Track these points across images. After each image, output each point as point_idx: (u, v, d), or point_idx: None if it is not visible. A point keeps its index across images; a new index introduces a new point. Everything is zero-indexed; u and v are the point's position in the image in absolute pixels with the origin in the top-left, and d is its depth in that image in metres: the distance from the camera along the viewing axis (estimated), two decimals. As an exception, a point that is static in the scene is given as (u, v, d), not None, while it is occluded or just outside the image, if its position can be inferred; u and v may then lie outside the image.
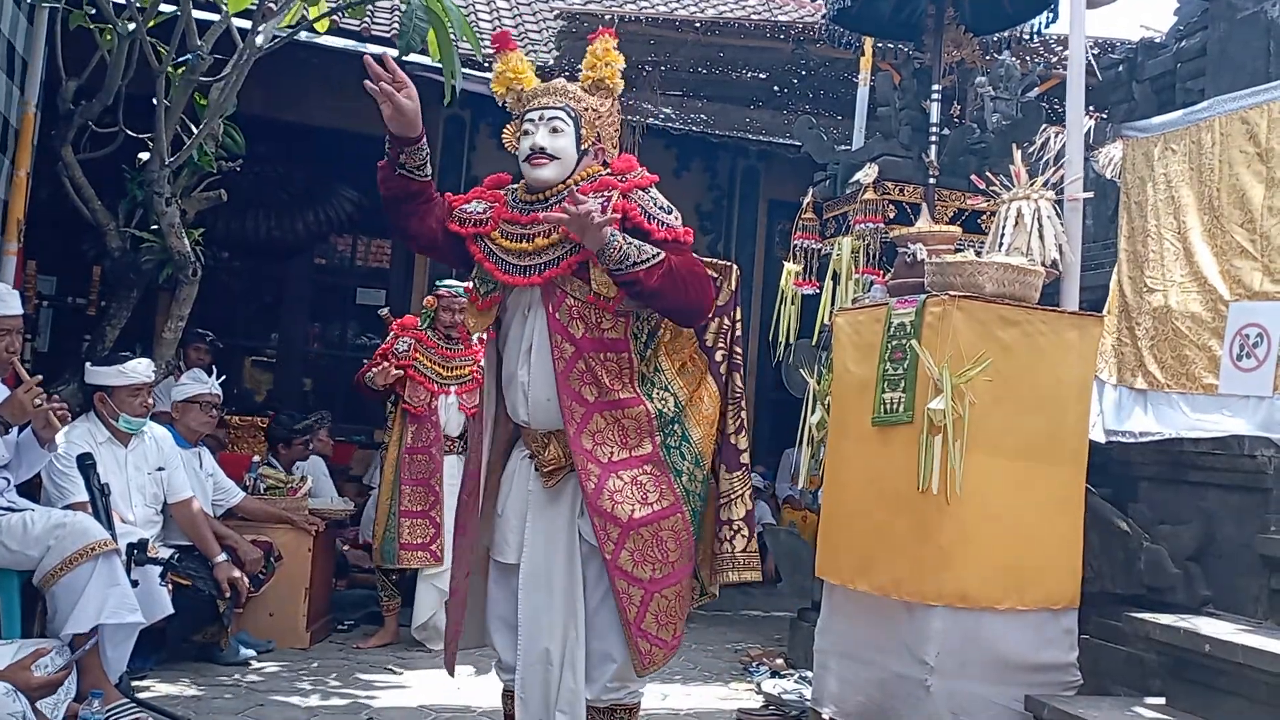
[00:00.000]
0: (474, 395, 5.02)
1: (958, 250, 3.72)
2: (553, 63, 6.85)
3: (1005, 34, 5.06)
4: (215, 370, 5.06)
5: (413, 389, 5.01)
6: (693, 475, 2.73)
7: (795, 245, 5.15)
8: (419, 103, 2.55)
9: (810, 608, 4.75)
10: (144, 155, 4.55)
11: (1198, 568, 3.67)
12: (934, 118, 4.82)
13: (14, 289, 3.86)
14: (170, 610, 3.82)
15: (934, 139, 4.81)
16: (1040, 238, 3.73)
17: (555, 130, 2.65)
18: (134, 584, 3.46)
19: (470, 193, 2.83)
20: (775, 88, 7.49)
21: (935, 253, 3.67)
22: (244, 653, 4.51)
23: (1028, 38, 5.07)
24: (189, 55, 4.37)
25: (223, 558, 4.37)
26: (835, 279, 4.80)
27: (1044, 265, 3.66)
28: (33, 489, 3.78)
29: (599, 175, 2.69)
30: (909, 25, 5.11)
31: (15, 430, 3.41)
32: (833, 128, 6.37)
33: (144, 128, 4.55)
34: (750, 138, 7.37)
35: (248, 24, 4.37)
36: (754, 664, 4.84)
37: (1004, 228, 3.80)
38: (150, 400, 4.31)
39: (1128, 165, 4.03)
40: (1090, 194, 4.08)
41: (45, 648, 2.89)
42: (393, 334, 5.17)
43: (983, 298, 3.44)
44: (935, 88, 4.83)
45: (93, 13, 4.46)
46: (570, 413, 2.62)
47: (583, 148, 2.69)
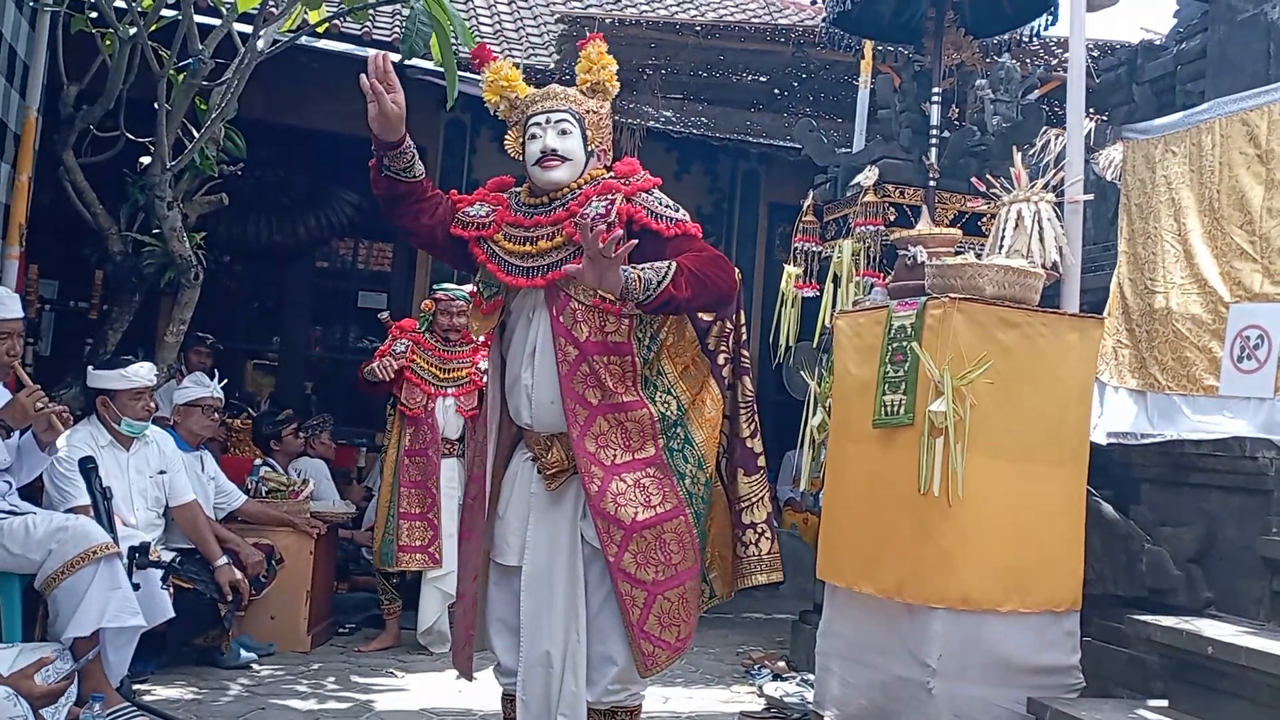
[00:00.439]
0: (472, 397, 5.02)
1: (958, 253, 3.72)
2: (553, 66, 6.85)
3: (1005, 36, 5.06)
4: (217, 374, 5.07)
5: (409, 391, 5.01)
6: (695, 478, 2.73)
7: (796, 248, 5.15)
8: (404, 110, 2.56)
9: (812, 610, 4.74)
10: (145, 159, 4.55)
11: (1199, 570, 3.67)
12: (934, 120, 4.82)
13: (16, 293, 3.87)
14: (171, 613, 3.82)
15: (934, 141, 4.81)
16: (1040, 240, 3.73)
17: (564, 132, 2.67)
18: (135, 587, 3.46)
19: (474, 194, 2.84)
20: (776, 91, 7.49)
21: (936, 255, 3.68)
22: (245, 656, 4.51)
23: (1028, 40, 5.08)
24: (190, 60, 4.38)
25: (224, 561, 4.37)
26: (836, 281, 4.80)
27: (1044, 267, 3.66)
28: (34, 492, 3.79)
29: (602, 178, 2.71)
30: (909, 28, 5.12)
31: (16, 434, 3.41)
32: (833, 130, 6.38)
33: (145, 132, 4.56)
34: (751, 140, 7.37)
35: (249, 28, 4.38)
36: (756, 667, 4.83)
37: (1004, 230, 3.80)
38: (152, 404, 4.31)
39: (1128, 167, 4.03)
40: (1090, 196, 4.09)
41: (48, 657, 2.88)
42: (391, 336, 5.17)
43: (983, 300, 3.44)
44: (935, 90, 4.83)
45: (94, 17, 4.47)
46: (574, 415, 2.62)
47: (589, 149, 2.72)
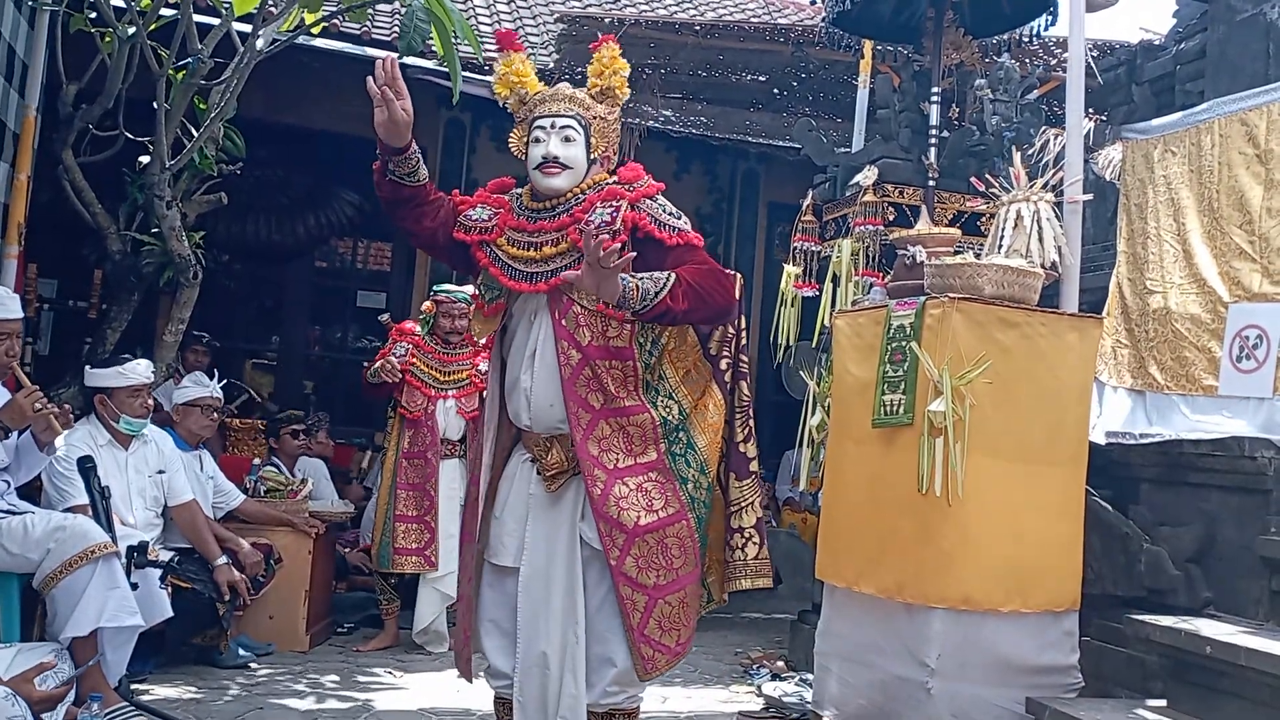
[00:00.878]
0: (473, 399, 5.02)
1: (957, 252, 3.72)
2: (553, 66, 6.85)
3: (1004, 36, 5.06)
4: (214, 372, 5.07)
5: (410, 394, 5.01)
6: (698, 482, 2.74)
7: (795, 247, 5.15)
8: (413, 117, 2.56)
9: (811, 610, 4.74)
10: (144, 159, 4.55)
11: (1198, 569, 3.67)
12: (933, 120, 4.82)
13: (15, 292, 3.86)
14: (170, 613, 3.82)
15: (933, 141, 4.81)
16: (1040, 240, 3.73)
17: (568, 139, 2.66)
18: (134, 587, 3.45)
19: (474, 196, 2.82)
20: (775, 90, 7.48)
21: (935, 255, 3.68)
22: (243, 656, 4.50)
23: (1027, 40, 5.08)
24: (189, 59, 4.38)
25: (223, 560, 4.37)
26: (835, 281, 4.80)
27: (1043, 267, 3.66)
28: (33, 492, 3.78)
29: (606, 184, 2.70)
30: (908, 28, 5.11)
31: (15, 434, 3.41)
32: (832, 130, 6.37)
33: (144, 131, 4.55)
34: (750, 140, 7.37)
35: (248, 28, 4.37)
36: (754, 667, 4.83)
37: (1003, 230, 3.80)
38: (150, 401, 4.31)
39: (1127, 167, 4.03)
40: (1089, 196, 4.09)
41: (48, 662, 2.88)
42: (391, 339, 5.17)
43: (982, 300, 3.44)
44: (935, 90, 4.83)
45: (93, 16, 4.47)
46: (576, 419, 2.62)
47: (592, 156, 2.70)
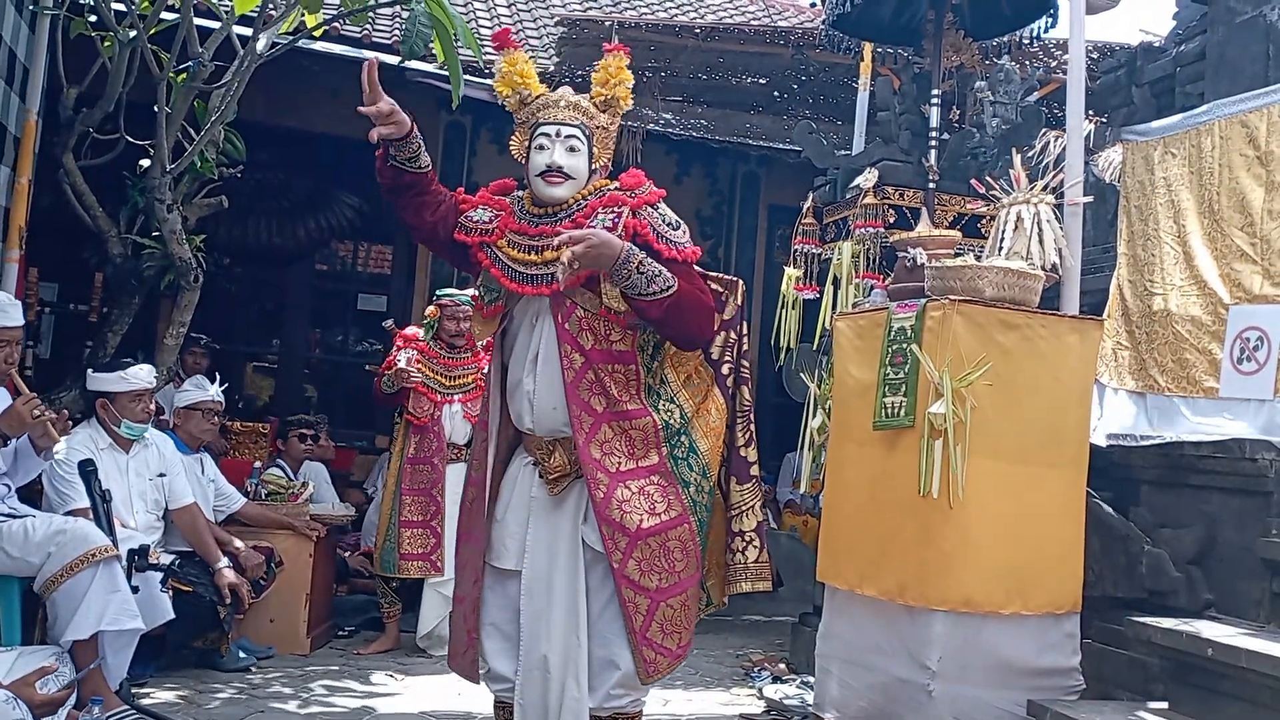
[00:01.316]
0: (478, 403, 5.00)
1: (957, 254, 3.73)
2: (553, 69, 6.86)
3: (1005, 38, 5.06)
4: (214, 374, 5.07)
5: (416, 400, 5.01)
6: (700, 486, 2.74)
7: (795, 250, 5.15)
8: (395, 104, 2.56)
9: (812, 612, 4.74)
10: (145, 162, 4.56)
11: (1199, 571, 3.66)
12: (934, 122, 4.83)
13: (16, 297, 3.87)
14: (171, 615, 3.82)
15: (934, 143, 4.82)
16: (1040, 242, 3.74)
17: (572, 149, 2.66)
18: (135, 590, 3.46)
19: (476, 196, 2.82)
20: (775, 93, 7.49)
21: (935, 257, 3.68)
22: (244, 659, 4.50)
23: (1027, 42, 5.08)
24: (190, 62, 4.38)
25: (224, 563, 4.37)
26: (835, 284, 4.80)
27: (1044, 269, 3.66)
28: (34, 495, 3.78)
29: (607, 190, 2.70)
30: (908, 30, 5.12)
31: (13, 440, 3.41)
32: (833, 133, 6.38)
33: (145, 134, 4.56)
34: (750, 143, 7.38)
35: (248, 31, 4.38)
36: (756, 669, 4.83)
37: (1004, 232, 3.80)
38: (151, 406, 4.31)
39: (1127, 169, 4.03)
40: (1090, 198, 4.09)
41: (49, 666, 2.89)
42: (396, 346, 5.16)
43: (983, 302, 3.44)
44: (935, 92, 4.83)
45: (93, 20, 4.47)
46: (579, 422, 2.63)
47: (593, 166, 2.71)
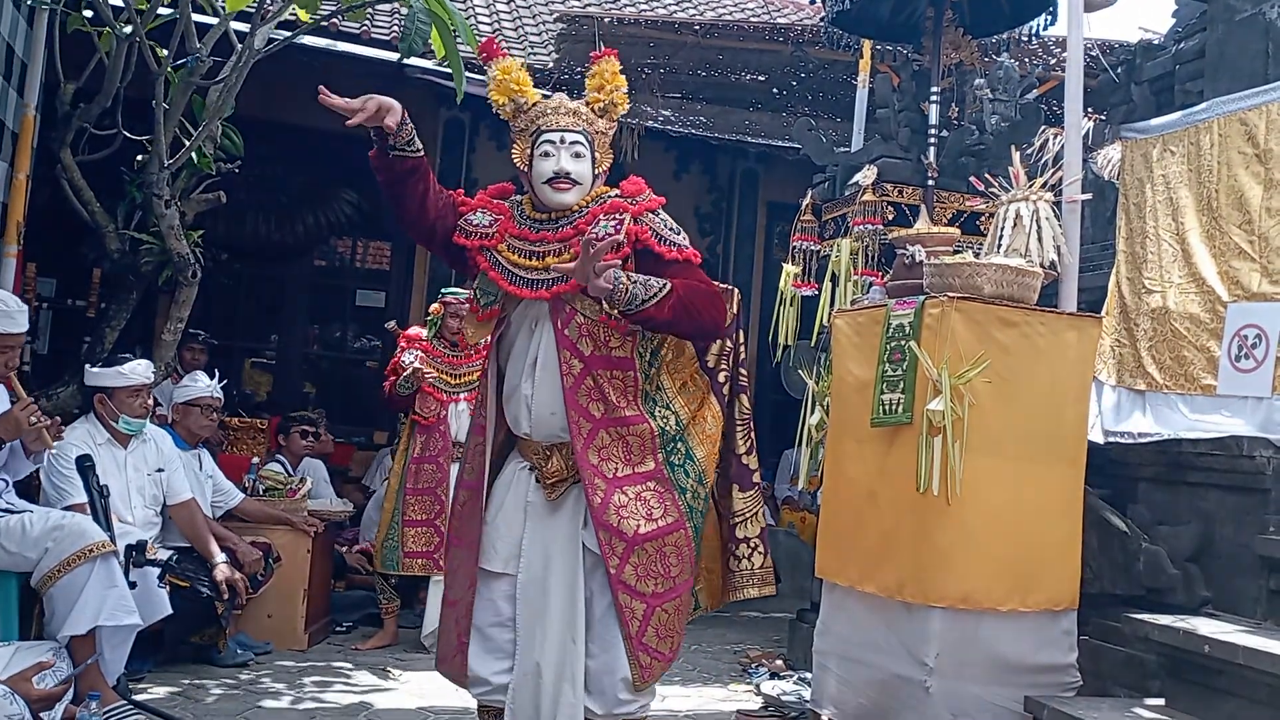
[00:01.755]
0: (483, 402, 5.02)
1: (956, 252, 3.72)
2: (552, 65, 6.85)
3: (1004, 36, 5.06)
4: (212, 370, 5.06)
5: (422, 400, 5.01)
6: (696, 492, 2.76)
7: (794, 247, 5.15)
8: (374, 96, 2.56)
9: (809, 609, 4.74)
10: (143, 157, 4.55)
11: (1197, 568, 3.67)
12: (933, 119, 4.82)
13: (13, 292, 3.86)
14: (169, 610, 3.82)
15: (933, 141, 4.81)
16: (1039, 239, 3.73)
17: (577, 155, 2.69)
18: (132, 585, 3.46)
19: (475, 199, 2.84)
20: (774, 90, 7.49)
21: (934, 254, 3.68)
22: (242, 654, 4.50)
23: (1026, 39, 5.08)
24: (188, 58, 4.37)
25: (221, 559, 4.37)
26: (834, 280, 4.80)
27: (1042, 267, 3.66)
28: (31, 490, 3.79)
29: (608, 197, 2.73)
30: (908, 27, 5.11)
31: (6, 444, 3.42)
32: (832, 130, 6.37)
33: (143, 130, 4.55)
34: (749, 140, 7.38)
35: (246, 27, 4.37)
36: (753, 665, 4.83)
37: (1002, 229, 3.80)
38: (150, 401, 4.31)
39: (1126, 167, 4.02)
40: (1089, 195, 4.09)
41: (47, 661, 2.89)
42: (400, 346, 5.16)
43: (981, 299, 3.44)
44: (934, 90, 4.83)
45: (90, 15, 4.46)
46: (578, 428, 2.64)
47: (596, 171, 2.74)
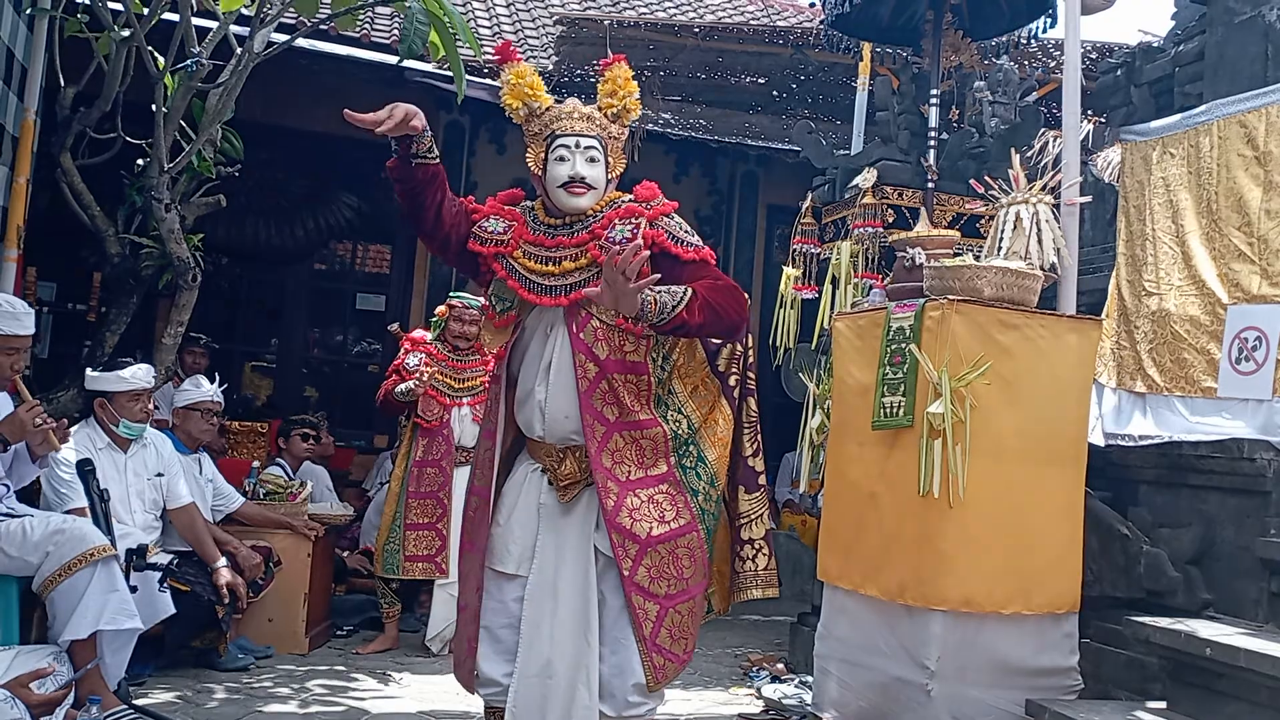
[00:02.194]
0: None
1: (956, 254, 3.72)
2: (551, 68, 6.85)
3: (1003, 38, 5.07)
4: (213, 374, 5.06)
5: (426, 403, 4.99)
6: (708, 495, 2.78)
7: (794, 250, 5.15)
8: (399, 104, 2.55)
9: (810, 612, 4.74)
10: (143, 161, 4.55)
11: (1197, 571, 3.67)
12: (932, 122, 4.83)
13: (14, 295, 3.86)
14: (172, 610, 3.82)
15: (932, 143, 4.82)
16: (1039, 242, 3.73)
17: (592, 160, 2.72)
18: (133, 589, 3.45)
19: (486, 206, 2.85)
20: (774, 92, 7.50)
21: (934, 257, 3.68)
22: (242, 658, 4.49)
23: (1026, 42, 5.08)
24: (187, 61, 4.38)
25: (222, 563, 4.36)
26: (834, 283, 4.80)
27: (1042, 269, 3.66)
28: (32, 495, 3.78)
29: (622, 201, 2.75)
30: (907, 30, 5.12)
31: (12, 447, 3.41)
32: (831, 132, 6.38)
33: (143, 134, 4.55)
34: (749, 142, 7.38)
35: (245, 30, 4.37)
36: (754, 669, 4.82)
37: (1002, 232, 3.80)
38: (150, 405, 4.31)
39: (1126, 169, 4.03)
40: (1089, 198, 4.09)
41: (46, 668, 2.88)
42: (404, 349, 5.15)
43: (981, 302, 3.44)
44: (934, 92, 4.83)
45: (87, 20, 4.46)
46: (592, 431, 2.66)
47: (609, 176, 2.76)
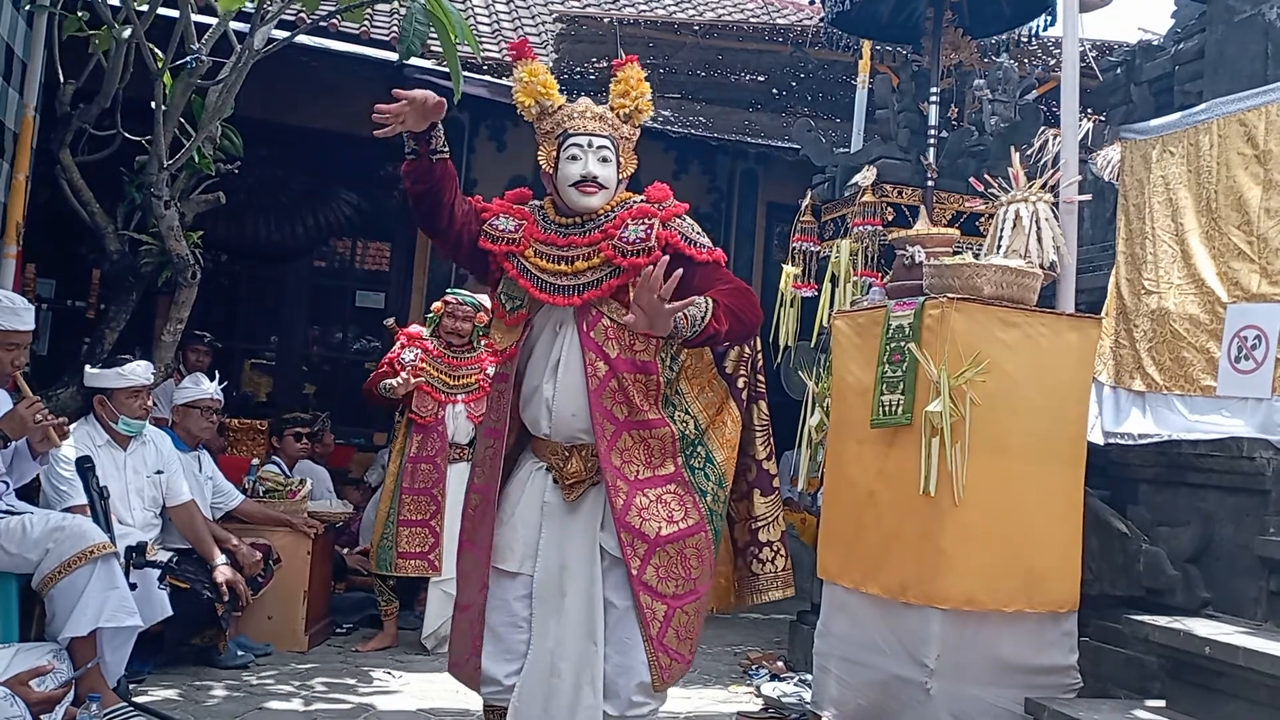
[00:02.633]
0: (481, 403, 4.99)
1: (956, 253, 3.72)
2: (551, 65, 6.86)
3: (1003, 36, 5.06)
4: (215, 373, 5.06)
5: (420, 399, 4.99)
6: (716, 496, 2.79)
7: (794, 248, 5.15)
8: (416, 94, 2.54)
9: (810, 610, 4.74)
10: (142, 158, 4.55)
11: (1197, 570, 3.67)
12: (932, 120, 4.82)
13: (13, 292, 3.86)
14: (170, 611, 3.82)
15: (932, 141, 4.81)
16: (1038, 240, 3.73)
17: (605, 160, 2.72)
18: (132, 587, 3.46)
19: (495, 205, 2.85)
20: (774, 90, 7.50)
21: (934, 255, 3.68)
22: (242, 656, 4.50)
23: (1026, 40, 5.08)
24: (187, 58, 4.37)
25: (222, 560, 4.37)
26: (834, 281, 4.80)
27: (1042, 268, 3.66)
28: (31, 492, 3.78)
29: (635, 202, 2.76)
30: (907, 28, 5.12)
31: (12, 442, 3.41)
32: (831, 130, 6.38)
33: (142, 131, 4.55)
34: (749, 140, 7.38)
35: (245, 27, 4.37)
36: (753, 667, 4.83)
37: (1002, 230, 3.80)
38: (150, 403, 4.31)
39: (1126, 167, 4.02)
40: (1088, 196, 4.09)
41: (45, 666, 2.89)
42: (399, 343, 5.15)
43: (981, 300, 3.44)
44: (933, 90, 4.83)
45: (87, 17, 4.45)
46: (601, 430, 2.66)
47: (620, 176, 2.77)
